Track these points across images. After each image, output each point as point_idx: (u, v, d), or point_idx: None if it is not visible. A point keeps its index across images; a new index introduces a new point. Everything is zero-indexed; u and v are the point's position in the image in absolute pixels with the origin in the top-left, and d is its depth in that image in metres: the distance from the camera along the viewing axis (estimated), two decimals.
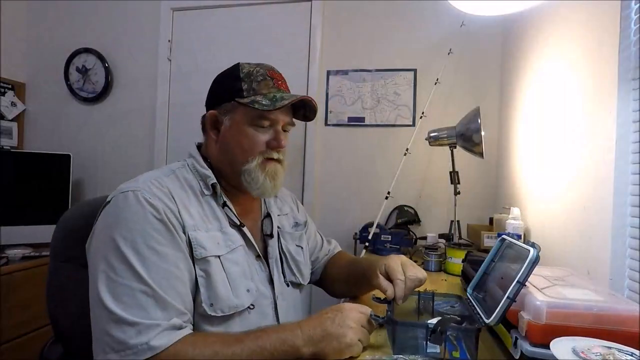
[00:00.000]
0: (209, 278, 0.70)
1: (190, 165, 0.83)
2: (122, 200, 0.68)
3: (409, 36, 1.95)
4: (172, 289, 0.64)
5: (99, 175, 2.30)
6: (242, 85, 0.80)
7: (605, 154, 0.89)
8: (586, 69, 1.02)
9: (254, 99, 0.78)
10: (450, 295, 0.86)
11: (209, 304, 0.69)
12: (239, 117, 0.80)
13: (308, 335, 0.63)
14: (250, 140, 0.80)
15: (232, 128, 0.81)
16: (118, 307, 0.60)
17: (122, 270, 0.62)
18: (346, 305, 0.69)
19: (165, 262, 0.65)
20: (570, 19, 1.13)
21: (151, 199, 0.68)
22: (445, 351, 0.63)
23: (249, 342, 0.62)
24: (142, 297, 0.61)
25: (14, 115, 2.31)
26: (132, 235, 0.64)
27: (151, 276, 0.62)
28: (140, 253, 0.63)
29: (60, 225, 0.82)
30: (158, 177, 0.75)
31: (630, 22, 0.85)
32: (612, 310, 0.61)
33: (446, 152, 1.62)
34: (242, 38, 2.14)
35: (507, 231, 1.23)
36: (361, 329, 0.66)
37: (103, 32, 2.30)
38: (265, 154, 0.81)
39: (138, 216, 0.66)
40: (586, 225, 0.97)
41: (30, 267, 1.77)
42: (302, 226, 1.02)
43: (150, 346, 0.58)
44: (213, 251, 0.72)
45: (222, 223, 0.78)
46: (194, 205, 0.76)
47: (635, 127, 0.82)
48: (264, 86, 0.80)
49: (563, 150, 1.12)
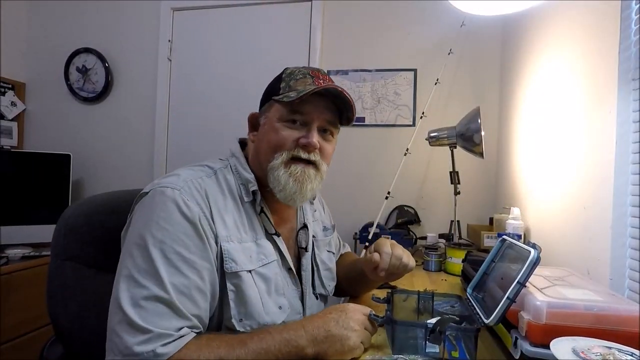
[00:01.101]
0: (239, 293, 0.68)
1: (233, 166, 0.79)
2: (159, 195, 0.66)
3: (409, 36, 1.95)
4: (191, 300, 0.62)
5: (99, 175, 2.30)
6: (281, 84, 0.77)
7: (605, 154, 0.88)
8: (586, 69, 1.02)
9: (286, 94, 0.74)
10: (450, 295, 0.86)
11: (239, 319, 0.68)
12: (272, 114, 0.77)
13: (312, 335, 0.63)
14: (278, 136, 0.74)
15: (265, 126, 0.78)
16: (133, 311, 0.58)
17: (144, 270, 0.61)
18: (350, 306, 0.68)
19: (190, 270, 0.63)
20: (570, 19, 1.13)
21: (188, 200, 0.66)
22: (445, 351, 0.63)
23: (253, 344, 0.62)
24: (158, 303, 0.59)
25: (14, 115, 2.31)
26: (162, 235, 0.63)
27: (172, 282, 0.61)
28: (166, 256, 0.62)
29: (60, 224, 0.82)
30: (200, 177, 0.72)
31: (630, 22, 0.85)
32: (612, 310, 0.61)
33: (446, 152, 1.62)
34: (242, 38, 2.14)
35: (507, 231, 1.23)
36: (364, 331, 0.66)
37: (103, 32, 2.30)
38: (293, 151, 0.74)
39: (172, 217, 0.64)
40: (586, 225, 0.97)
41: (30, 267, 1.77)
42: (331, 230, 1.00)
43: (156, 353, 0.57)
44: (245, 265, 0.69)
45: (258, 234, 0.75)
46: (230, 212, 0.72)
47: (635, 127, 0.82)
48: (301, 83, 0.75)
49: (563, 150, 1.12)
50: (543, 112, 1.30)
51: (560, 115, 1.15)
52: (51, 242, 0.82)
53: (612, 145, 0.86)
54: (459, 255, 1.30)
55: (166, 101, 2.22)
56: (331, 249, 0.95)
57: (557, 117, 1.18)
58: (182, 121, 2.19)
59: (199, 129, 2.14)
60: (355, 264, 1.00)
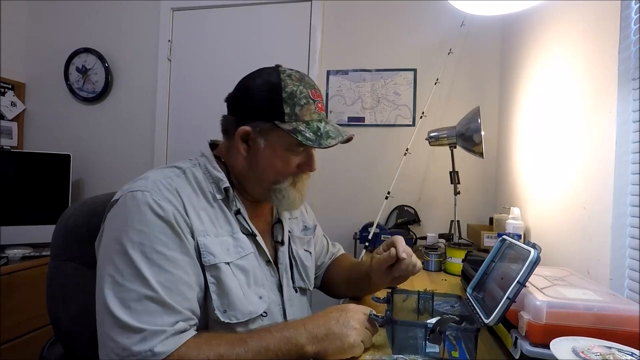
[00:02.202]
0: (220, 284, 0.69)
1: (202, 165, 0.80)
2: (130, 200, 0.66)
3: (409, 36, 1.95)
4: (180, 294, 0.63)
5: (99, 175, 2.30)
6: (285, 109, 0.74)
7: (605, 154, 0.89)
8: (586, 69, 1.02)
9: (296, 127, 0.74)
10: (450, 295, 0.86)
11: (222, 310, 0.68)
12: (276, 141, 0.77)
13: (312, 333, 0.63)
14: (285, 165, 0.78)
15: (267, 150, 0.77)
16: (124, 313, 0.58)
17: (129, 274, 0.61)
18: (351, 305, 0.69)
19: (173, 267, 0.64)
20: (570, 19, 1.13)
21: (160, 200, 0.67)
22: (445, 351, 0.63)
23: (253, 342, 0.62)
24: (148, 302, 0.60)
25: (14, 115, 2.31)
26: (140, 238, 0.63)
27: (158, 281, 0.61)
28: (148, 257, 0.62)
29: (60, 224, 0.82)
30: (168, 177, 0.72)
31: (630, 22, 0.85)
32: (612, 310, 0.61)
33: (446, 152, 1.62)
34: (242, 38, 2.14)
35: (507, 231, 1.23)
36: (364, 330, 0.66)
37: (103, 32, 2.30)
38: (297, 176, 0.81)
39: (147, 219, 0.65)
40: (586, 225, 0.97)
41: (30, 267, 1.77)
42: (311, 230, 1.00)
43: (154, 352, 0.57)
44: (223, 258, 0.71)
45: (234, 228, 0.77)
46: (203, 208, 0.73)
47: (635, 127, 0.82)
48: (307, 112, 0.76)
49: (563, 150, 1.12)
50: (543, 112, 1.30)
51: (560, 115, 1.15)
52: (51, 243, 0.82)
53: (612, 145, 0.86)
54: (459, 255, 1.30)
55: (166, 101, 2.21)
56: (309, 249, 0.95)
57: (557, 117, 1.18)
58: (182, 121, 2.19)
59: (199, 129, 2.13)
60: (357, 266, 1.00)
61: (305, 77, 0.80)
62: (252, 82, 0.78)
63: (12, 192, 1.95)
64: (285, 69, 0.79)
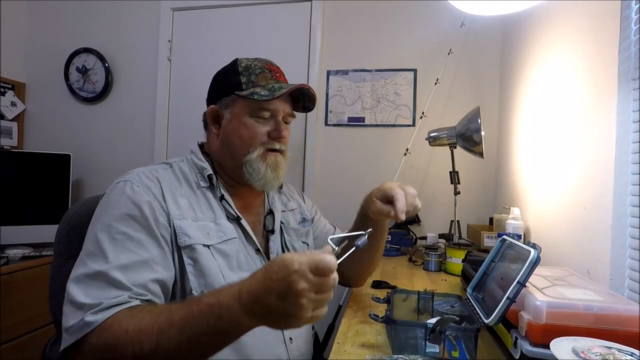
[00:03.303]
0: (197, 265, 0.71)
1: (189, 160, 0.86)
2: (112, 190, 0.73)
3: (409, 36, 1.95)
4: (136, 272, 0.64)
5: (99, 175, 2.30)
6: (241, 79, 0.82)
7: (605, 154, 0.89)
8: (586, 69, 1.02)
9: (253, 90, 0.80)
10: (450, 295, 0.86)
11: (200, 291, 0.70)
12: (239, 110, 0.82)
13: (248, 309, 0.51)
14: (250, 131, 0.81)
15: (232, 121, 0.83)
16: (75, 288, 0.61)
17: (92, 253, 0.65)
18: (293, 267, 0.49)
19: (136, 247, 0.66)
20: (570, 19, 1.13)
21: (138, 186, 0.72)
22: (445, 351, 0.63)
23: (179, 313, 0.55)
24: (99, 278, 0.62)
25: (14, 115, 2.31)
26: (109, 220, 0.68)
27: (117, 258, 0.64)
28: (113, 237, 0.66)
29: (63, 223, 0.83)
30: (153, 169, 0.79)
31: (630, 22, 0.85)
32: (612, 310, 0.61)
33: (446, 152, 1.62)
34: (242, 38, 2.14)
35: (507, 231, 1.23)
36: (316, 297, 0.49)
37: (103, 32, 2.30)
38: (267, 144, 0.82)
39: (120, 203, 0.69)
40: (586, 225, 0.97)
41: (30, 267, 1.76)
42: (310, 222, 1.01)
43: (85, 322, 0.57)
44: (200, 240, 0.73)
45: (217, 215, 0.79)
46: (185, 195, 0.77)
47: (635, 127, 0.82)
48: (262, 78, 0.82)
49: (563, 150, 1.12)
50: (543, 112, 1.30)
51: (560, 115, 1.15)
52: (54, 241, 0.82)
53: (612, 145, 0.86)
54: (459, 255, 1.30)
55: (166, 101, 2.21)
56: (306, 241, 0.96)
57: (557, 117, 1.18)
58: (182, 121, 2.19)
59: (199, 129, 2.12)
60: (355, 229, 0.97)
61: (260, 58, 0.87)
62: (215, 75, 0.89)
63: (12, 192, 1.95)
64: (243, 58, 0.87)
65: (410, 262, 1.53)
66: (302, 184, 2.02)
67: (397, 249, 1.67)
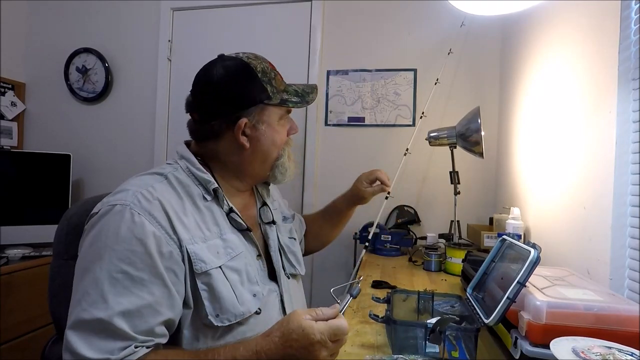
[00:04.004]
0: (212, 291, 0.68)
1: (184, 168, 0.78)
2: (107, 214, 0.65)
3: (409, 36, 1.95)
4: (138, 317, 0.61)
5: (99, 175, 2.30)
6: (266, 87, 0.79)
7: (605, 154, 0.89)
8: (586, 69, 1.02)
9: (282, 97, 0.82)
10: (450, 295, 0.86)
11: (215, 315, 0.68)
12: (271, 119, 0.82)
13: None
14: (282, 135, 0.84)
15: (267, 130, 0.81)
16: (75, 339, 0.58)
17: (90, 296, 0.60)
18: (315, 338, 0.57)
19: (138, 288, 0.62)
20: (570, 19, 1.13)
21: (138, 216, 0.64)
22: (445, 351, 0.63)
23: None
24: (101, 326, 0.58)
25: (14, 115, 2.31)
26: (109, 255, 0.62)
27: (118, 302, 0.60)
28: (113, 276, 0.61)
29: (63, 223, 0.82)
30: (149, 185, 0.70)
31: (630, 22, 0.85)
32: (612, 310, 0.61)
33: (446, 152, 1.62)
34: (242, 38, 2.14)
35: (507, 231, 1.23)
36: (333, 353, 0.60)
37: (103, 32, 2.30)
38: (288, 143, 0.86)
39: (119, 236, 0.63)
40: (586, 225, 0.97)
41: (30, 267, 1.77)
42: (290, 219, 1.04)
43: None
44: (213, 263, 0.69)
45: (222, 229, 0.75)
46: (189, 213, 0.72)
47: (635, 127, 0.82)
48: (278, 82, 0.83)
49: (563, 150, 1.12)
50: (543, 112, 1.30)
51: (560, 115, 1.15)
52: (53, 242, 0.82)
53: (612, 145, 0.86)
54: (459, 255, 1.31)
55: (166, 101, 2.21)
56: (292, 235, 0.97)
57: (557, 117, 1.18)
58: (182, 121, 2.18)
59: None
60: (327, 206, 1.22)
61: (258, 56, 0.84)
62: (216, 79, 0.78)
63: (12, 192, 1.95)
64: (233, 54, 0.82)
65: (410, 262, 1.53)
66: (302, 184, 2.02)
67: (397, 249, 1.67)
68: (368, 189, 1.15)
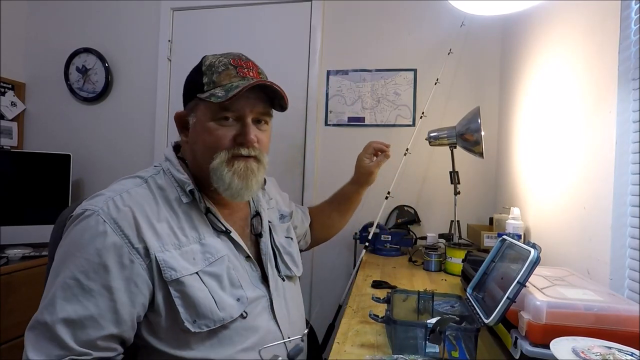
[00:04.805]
0: (186, 297, 0.67)
1: (166, 170, 0.77)
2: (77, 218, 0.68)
3: (409, 36, 1.95)
4: (81, 328, 0.61)
5: (99, 175, 2.30)
6: (203, 79, 0.75)
7: (605, 154, 0.89)
8: (586, 69, 1.02)
9: (212, 92, 0.73)
10: (450, 295, 0.86)
11: (192, 321, 0.67)
12: (202, 114, 0.75)
13: None
14: (212, 136, 0.74)
15: (196, 126, 0.76)
16: (28, 337, 0.61)
17: (45, 297, 0.63)
18: None
19: (86, 297, 0.62)
20: (570, 19, 1.13)
21: (103, 224, 0.65)
22: (445, 351, 0.63)
23: None
24: (44, 330, 0.61)
25: (14, 115, 2.31)
26: (68, 262, 0.64)
27: (64, 309, 0.61)
28: (66, 282, 0.63)
29: (59, 224, 0.82)
30: (126, 190, 0.71)
31: (630, 22, 0.85)
32: (612, 310, 0.61)
33: (446, 152, 1.62)
34: (242, 38, 2.14)
35: (507, 231, 1.23)
36: None
37: (103, 32, 2.30)
38: (232, 150, 0.74)
39: (80, 243, 0.65)
40: (586, 225, 0.97)
41: (30, 267, 1.77)
42: (288, 217, 1.01)
43: None
44: (186, 270, 0.68)
45: (202, 233, 0.74)
46: (164, 219, 0.71)
47: (635, 127, 0.82)
48: (225, 76, 0.74)
49: (563, 150, 1.12)
50: (543, 112, 1.30)
51: (560, 115, 1.15)
52: (49, 243, 0.82)
53: (612, 145, 0.86)
54: (459, 255, 1.31)
55: (166, 101, 2.21)
56: (289, 235, 0.95)
57: (557, 117, 1.18)
58: None
59: None
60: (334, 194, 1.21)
61: (233, 52, 0.79)
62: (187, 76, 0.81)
63: (12, 192, 1.95)
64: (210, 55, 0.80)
65: (410, 262, 1.53)
66: (302, 184, 2.02)
67: (397, 249, 1.67)
68: (372, 163, 1.13)
